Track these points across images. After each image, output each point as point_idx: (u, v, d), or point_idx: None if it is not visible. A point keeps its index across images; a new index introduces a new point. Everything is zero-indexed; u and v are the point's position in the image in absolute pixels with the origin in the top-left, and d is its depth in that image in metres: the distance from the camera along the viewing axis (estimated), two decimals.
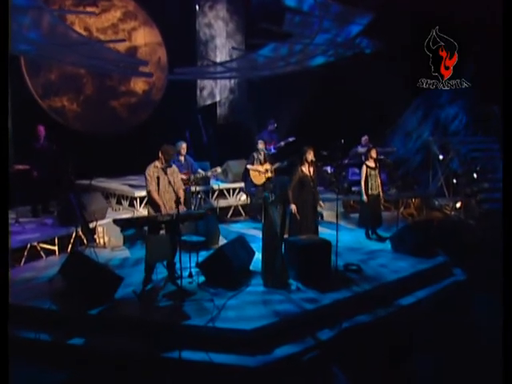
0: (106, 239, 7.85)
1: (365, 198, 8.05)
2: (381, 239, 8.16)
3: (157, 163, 6.25)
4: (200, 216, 6.26)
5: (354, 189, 10.27)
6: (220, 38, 12.82)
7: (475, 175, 10.56)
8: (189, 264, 6.44)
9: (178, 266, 6.40)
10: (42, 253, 7.31)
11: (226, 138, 11.70)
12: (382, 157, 8.14)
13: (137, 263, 7.02)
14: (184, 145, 8.31)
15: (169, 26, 12.20)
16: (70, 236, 7.54)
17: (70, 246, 7.51)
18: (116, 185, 9.65)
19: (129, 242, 8.03)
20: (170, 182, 6.19)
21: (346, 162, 10.16)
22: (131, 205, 8.99)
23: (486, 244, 8.30)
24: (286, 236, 6.74)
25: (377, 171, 8.18)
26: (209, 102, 13.03)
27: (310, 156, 6.97)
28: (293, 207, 6.80)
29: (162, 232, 6.12)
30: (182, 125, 10.42)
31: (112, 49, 10.97)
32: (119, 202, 9.28)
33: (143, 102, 12.52)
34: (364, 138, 10.53)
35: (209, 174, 8.57)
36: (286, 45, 11.64)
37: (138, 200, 8.83)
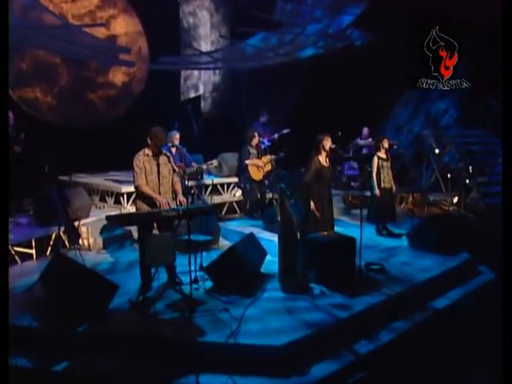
0: (91, 240, 6.60)
1: (377, 191, 7.07)
2: (394, 235, 7.23)
3: (146, 151, 5.00)
4: (210, 210, 5.13)
5: (353, 184, 9.33)
6: (204, 27, 11.69)
7: (471, 169, 9.84)
8: (193, 267, 5.29)
9: (184, 269, 5.32)
10: (16, 257, 5.98)
11: (216, 130, 10.60)
12: (395, 147, 7.25)
13: (130, 267, 5.84)
14: (177, 134, 7.14)
15: (150, 15, 10.97)
16: (49, 237, 6.26)
17: (49, 248, 6.24)
18: (99, 180, 8.37)
19: (113, 244, 6.78)
20: (166, 172, 5.04)
21: (350, 155, 9.21)
22: (117, 202, 7.73)
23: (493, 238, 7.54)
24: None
25: (389, 163, 7.25)
26: (192, 94, 11.86)
27: (328, 143, 5.94)
28: (311, 204, 5.78)
29: (155, 231, 5.00)
30: (166, 118, 9.26)
31: (91, 34, 9.68)
32: (103, 199, 7.99)
33: (123, 95, 11.24)
34: (365, 130, 9.62)
35: (204, 167, 7.40)
36: (275, 35, 10.67)
37: (125, 196, 7.58)
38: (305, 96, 11.03)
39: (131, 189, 7.45)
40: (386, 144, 7.20)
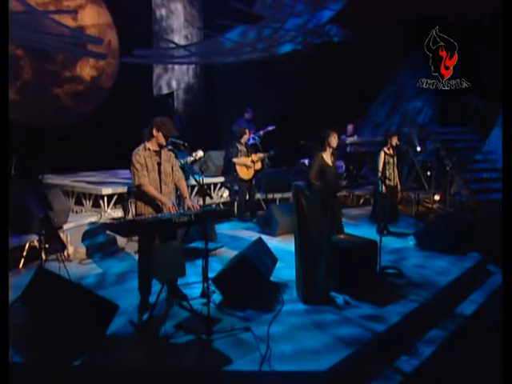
0: (71, 250, 5.60)
1: (383, 188, 6.47)
2: (400, 235, 6.68)
3: (147, 145, 4.12)
4: (227, 213, 4.33)
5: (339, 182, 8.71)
6: (177, 20, 10.77)
7: (450, 166, 9.50)
8: (196, 278, 4.50)
9: (184, 281, 4.52)
10: None
11: (192, 129, 9.74)
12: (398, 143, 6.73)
13: (121, 280, 4.94)
14: None
15: (120, 6, 9.95)
16: (22, 247, 5.23)
17: (22, 260, 5.22)
18: (74, 181, 7.28)
19: (97, 253, 5.81)
20: (169, 170, 4.22)
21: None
22: (95, 205, 6.72)
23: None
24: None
25: (395, 159, 6.69)
26: (166, 90, 10.92)
27: (335, 140, 5.32)
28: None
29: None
30: (140, 114, 8.31)
31: (58, 22, 8.58)
32: (79, 203, 6.93)
33: (91, 90, 10.17)
34: (350, 127, 9.04)
35: (189, 160, 6.40)
36: (254, 29, 9.93)
37: (106, 199, 6.59)
38: (286, 94, 10.37)
39: (110, 191, 6.55)
40: (394, 141, 6.66)
